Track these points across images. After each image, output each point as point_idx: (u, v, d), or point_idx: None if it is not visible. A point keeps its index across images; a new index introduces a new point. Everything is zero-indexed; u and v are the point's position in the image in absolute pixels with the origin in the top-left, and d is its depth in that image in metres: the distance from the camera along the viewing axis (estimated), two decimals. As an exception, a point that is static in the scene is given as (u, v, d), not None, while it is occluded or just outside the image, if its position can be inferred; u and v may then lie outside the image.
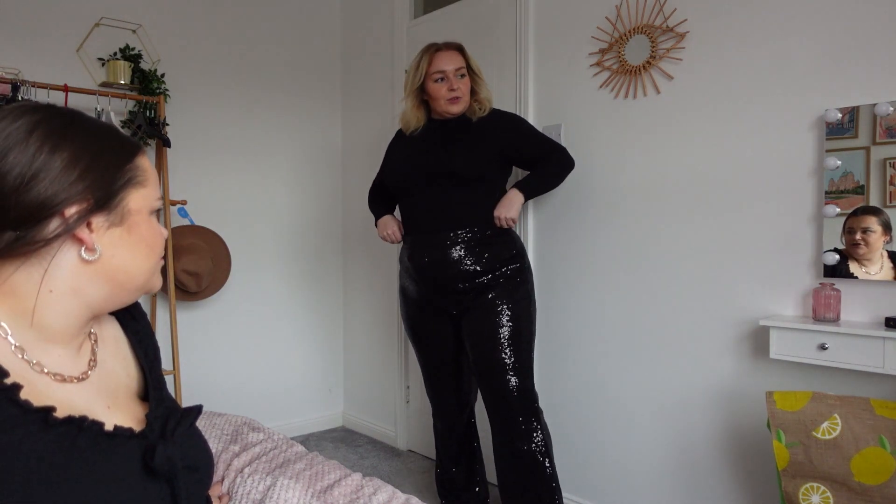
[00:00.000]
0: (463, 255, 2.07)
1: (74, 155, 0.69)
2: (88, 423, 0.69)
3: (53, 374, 0.71)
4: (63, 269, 0.71)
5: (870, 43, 1.67)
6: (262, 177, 3.27)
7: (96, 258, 0.72)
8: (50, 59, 2.61)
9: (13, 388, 0.64)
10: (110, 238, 0.73)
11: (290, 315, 3.40)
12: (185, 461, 0.78)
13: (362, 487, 1.21)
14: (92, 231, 0.71)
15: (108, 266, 0.74)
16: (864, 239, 1.68)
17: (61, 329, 0.73)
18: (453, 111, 2.12)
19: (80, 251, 0.71)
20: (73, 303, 0.73)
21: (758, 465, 1.91)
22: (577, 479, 2.39)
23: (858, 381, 1.70)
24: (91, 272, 0.73)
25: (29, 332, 0.71)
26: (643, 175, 2.16)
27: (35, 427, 0.64)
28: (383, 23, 3.22)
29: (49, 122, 0.70)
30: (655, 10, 2.10)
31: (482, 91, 2.16)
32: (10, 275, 0.69)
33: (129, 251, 0.75)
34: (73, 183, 0.68)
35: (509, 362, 2.05)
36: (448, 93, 2.08)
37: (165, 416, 0.80)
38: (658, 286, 2.13)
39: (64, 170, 0.68)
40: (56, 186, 0.67)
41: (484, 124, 2.14)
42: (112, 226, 0.73)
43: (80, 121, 0.73)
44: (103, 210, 0.72)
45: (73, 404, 0.71)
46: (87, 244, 0.71)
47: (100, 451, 0.69)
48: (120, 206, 0.73)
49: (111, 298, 0.76)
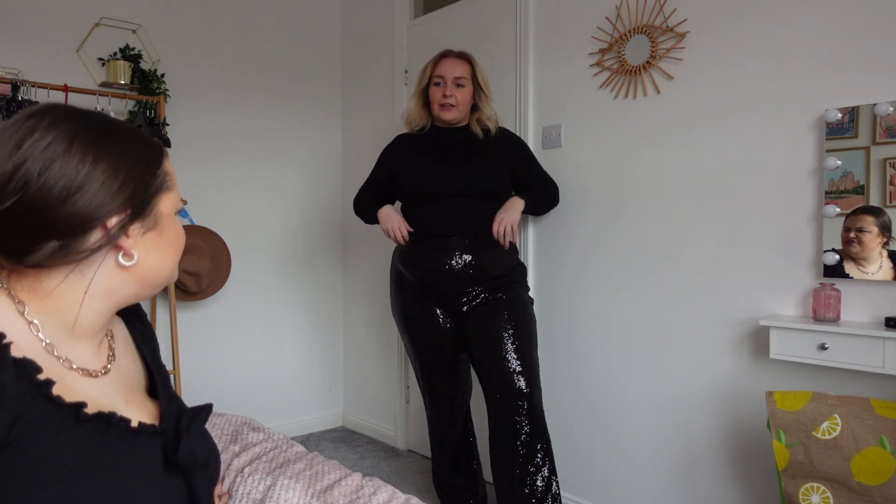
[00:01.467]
0: (470, 259, 2.09)
1: (114, 165, 0.71)
2: (116, 419, 0.71)
3: (81, 370, 0.73)
4: (100, 275, 0.73)
5: (870, 43, 1.67)
6: (262, 176, 3.27)
7: (134, 263, 0.74)
8: (50, 59, 2.61)
9: (46, 383, 0.66)
10: (145, 243, 0.75)
11: (290, 315, 3.40)
12: (202, 457, 0.81)
13: (362, 487, 1.21)
14: (129, 238, 0.73)
15: (142, 268, 0.76)
16: (857, 238, 1.68)
17: (91, 327, 0.75)
18: (444, 117, 2.15)
19: (117, 257, 0.73)
20: (104, 302, 0.75)
21: (758, 465, 1.91)
22: (578, 478, 2.39)
23: (858, 381, 1.70)
24: (126, 275, 0.75)
25: (61, 330, 0.72)
26: (643, 175, 2.16)
27: (68, 422, 0.66)
28: (383, 23, 3.22)
29: (87, 132, 0.70)
30: (655, 10, 2.10)
31: (486, 108, 2.18)
32: (57, 286, 0.71)
33: (160, 252, 0.78)
34: (114, 195, 0.70)
35: (515, 363, 2.05)
36: (441, 98, 2.11)
37: (178, 413, 0.82)
38: (658, 286, 2.13)
39: (106, 181, 0.69)
40: (99, 199, 0.69)
41: (496, 142, 2.20)
42: (147, 230, 0.75)
43: (113, 128, 0.74)
44: (140, 217, 0.74)
45: (98, 399, 0.73)
46: (126, 251, 0.73)
47: (126, 446, 0.71)
48: (153, 212, 0.76)
49: (136, 296, 0.79)
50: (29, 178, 0.66)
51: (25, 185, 0.66)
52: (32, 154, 0.66)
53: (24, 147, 0.67)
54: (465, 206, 2.11)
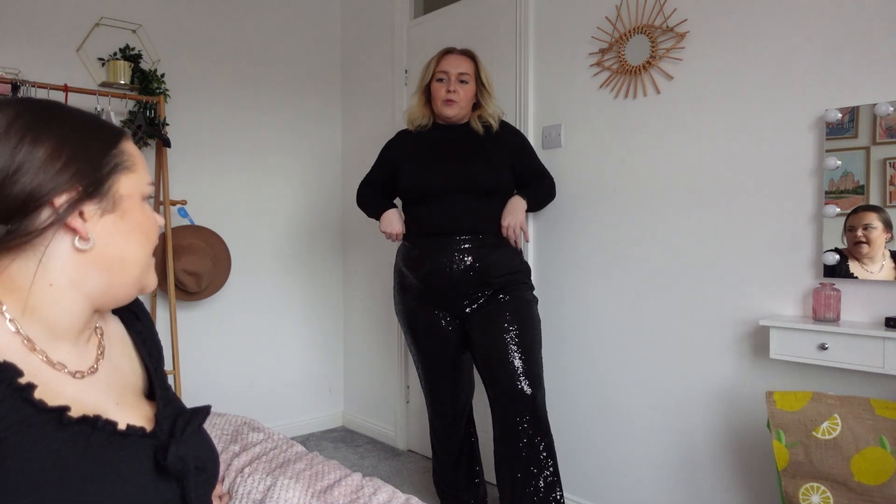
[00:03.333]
0: (472, 261, 2.09)
1: (56, 145, 0.70)
2: (102, 423, 0.69)
3: (65, 371, 0.72)
4: (59, 260, 0.71)
5: (870, 43, 1.67)
6: (263, 176, 3.27)
7: (90, 247, 0.72)
8: (50, 59, 2.61)
9: (27, 387, 0.64)
10: (104, 226, 0.73)
11: (290, 315, 3.40)
12: (194, 461, 0.79)
13: (362, 487, 1.21)
14: (85, 220, 0.72)
15: (104, 255, 0.74)
16: (866, 236, 1.67)
17: (66, 325, 0.73)
18: (446, 113, 2.15)
19: (73, 241, 0.71)
20: (73, 296, 0.73)
21: (758, 465, 1.91)
22: (578, 479, 2.39)
23: (858, 381, 1.70)
24: (87, 262, 0.73)
25: (37, 328, 0.71)
26: (643, 175, 2.16)
27: (50, 426, 0.64)
28: (383, 23, 3.22)
29: (26, 115, 0.70)
30: (655, 10, 2.10)
31: (488, 106, 2.18)
32: (6, 267, 0.70)
33: (124, 238, 0.75)
34: (58, 172, 0.69)
35: (518, 364, 2.03)
36: (445, 94, 2.11)
37: (174, 415, 0.80)
38: (658, 286, 2.13)
39: (47, 160, 0.68)
40: (41, 177, 0.68)
41: (496, 137, 2.19)
42: (105, 213, 0.73)
43: (60, 111, 0.73)
44: (94, 197, 0.72)
45: (85, 401, 0.71)
46: (81, 233, 0.71)
47: (113, 450, 0.69)
48: (110, 193, 0.73)
49: (109, 290, 0.76)
50: None
51: None
52: None
53: None
54: (466, 204, 2.11)
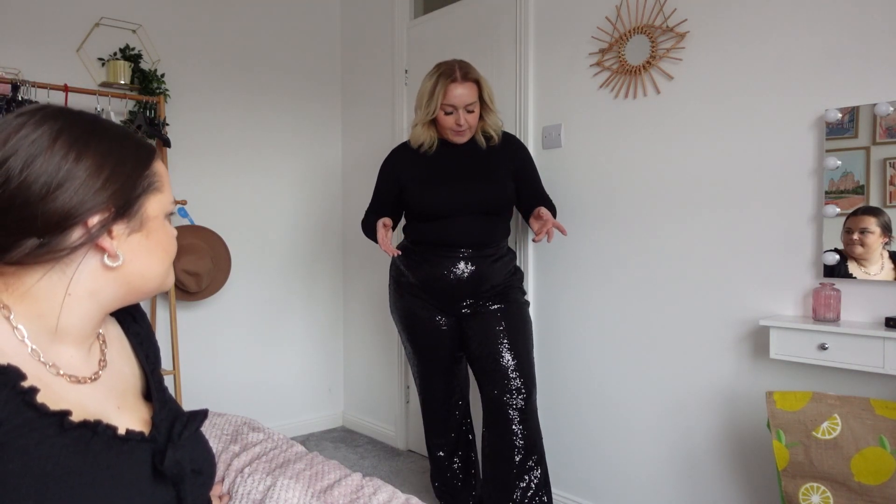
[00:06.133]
0: (471, 271, 2.10)
1: (98, 163, 0.70)
2: (102, 427, 0.69)
3: (68, 376, 0.72)
4: (83, 275, 0.72)
5: (870, 43, 1.67)
6: (263, 176, 3.27)
7: (119, 264, 0.73)
8: (50, 59, 2.61)
9: (30, 391, 0.65)
10: (130, 245, 0.74)
11: (290, 315, 3.40)
12: (191, 465, 0.79)
13: (362, 487, 1.21)
14: (113, 238, 0.72)
15: (127, 271, 0.74)
16: (861, 240, 1.68)
17: (77, 331, 0.74)
18: (456, 141, 2.17)
19: (102, 258, 0.72)
20: (89, 305, 0.73)
21: (758, 465, 1.91)
22: (577, 479, 2.39)
23: (858, 381, 1.70)
24: (111, 277, 0.74)
25: (46, 335, 0.71)
26: (643, 175, 2.16)
27: (51, 430, 0.65)
28: (383, 23, 3.22)
29: (72, 129, 0.70)
30: (655, 10, 2.10)
31: (490, 120, 2.18)
32: (35, 282, 0.70)
33: (147, 256, 0.76)
34: (96, 192, 0.69)
35: (510, 363, 2.08)
36: (455, 126, 2.11)
37: (171, 419, 0.81)
38: (658, 286, 2.13)
39: (88, 178, 0.68)
40: (81, 195, 0.68)
41: (499, 150, 2.19)
42: (132, 232, 0.74)
43: (101, 126, 0.73)
44: (124, 218, 0.72)
45: (86, 406, 0.72)
46: (110, 252, 0.72)
47: (112, 454, 0.69)
48: (139, 213, 0.74)
49: (124, 300, 0.77)
50: (11, 173, 0.66)
51: (6, 181, 0.65)
52: (16, 150, 0.66)
53: (10, 144, 0.67)
54: (471, 223, 2.12)
